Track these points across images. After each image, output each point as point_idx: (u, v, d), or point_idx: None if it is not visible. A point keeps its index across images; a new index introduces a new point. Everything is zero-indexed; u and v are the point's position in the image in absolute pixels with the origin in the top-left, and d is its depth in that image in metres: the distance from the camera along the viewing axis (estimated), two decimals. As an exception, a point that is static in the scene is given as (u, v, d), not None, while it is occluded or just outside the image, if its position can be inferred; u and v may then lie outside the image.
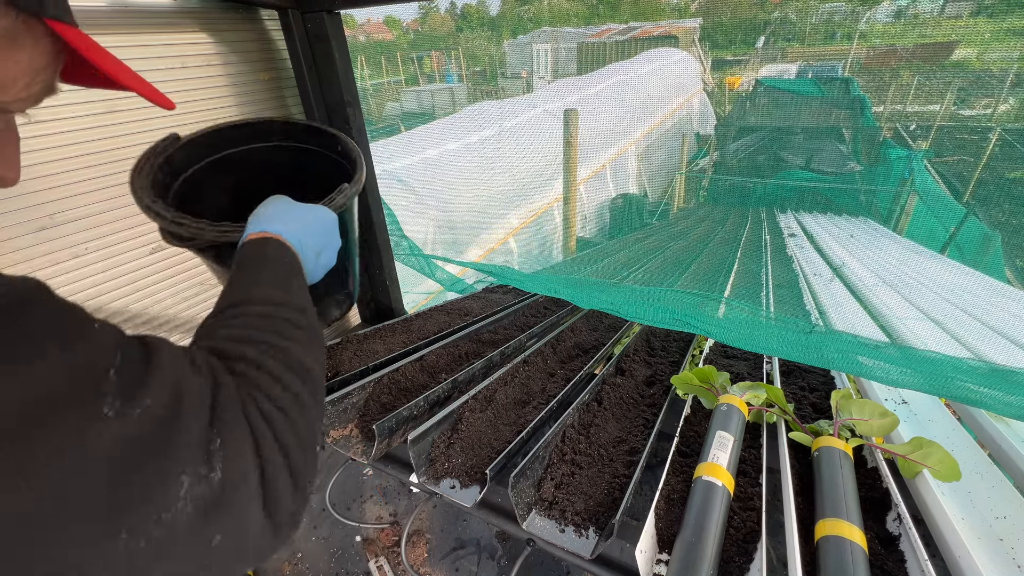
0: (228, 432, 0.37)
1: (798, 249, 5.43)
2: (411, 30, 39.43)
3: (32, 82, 0.44)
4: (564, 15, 28.18)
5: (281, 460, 0.40)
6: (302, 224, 0.69)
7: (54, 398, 0.28)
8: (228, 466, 0.35)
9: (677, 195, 8.32)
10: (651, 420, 1.02)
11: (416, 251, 1.85)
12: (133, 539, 0.30)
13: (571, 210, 5.87)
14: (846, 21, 19.56)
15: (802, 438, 0.89)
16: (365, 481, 1.39)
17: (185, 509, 0.32)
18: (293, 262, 0.63)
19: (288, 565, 1.22)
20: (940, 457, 0.79)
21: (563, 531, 0.76)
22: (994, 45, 12.50)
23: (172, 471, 0.32)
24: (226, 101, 1.30)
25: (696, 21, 17.22)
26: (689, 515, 0.71)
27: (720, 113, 13.41)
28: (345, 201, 0.88)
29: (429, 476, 0.88)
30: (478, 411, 1.01)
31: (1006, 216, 6.54)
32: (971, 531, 0.69)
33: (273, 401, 0.43)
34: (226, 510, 0.35)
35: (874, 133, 9.26)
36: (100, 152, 1.08)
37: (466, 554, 1.18)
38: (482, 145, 6.22)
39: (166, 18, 1.13)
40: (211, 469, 0.34)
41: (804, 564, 0.63)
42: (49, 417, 0.28)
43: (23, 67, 0.42)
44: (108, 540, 0.29)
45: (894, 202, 6.83)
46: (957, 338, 2.50)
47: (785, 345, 1.15)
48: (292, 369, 0.47)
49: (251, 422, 0.39)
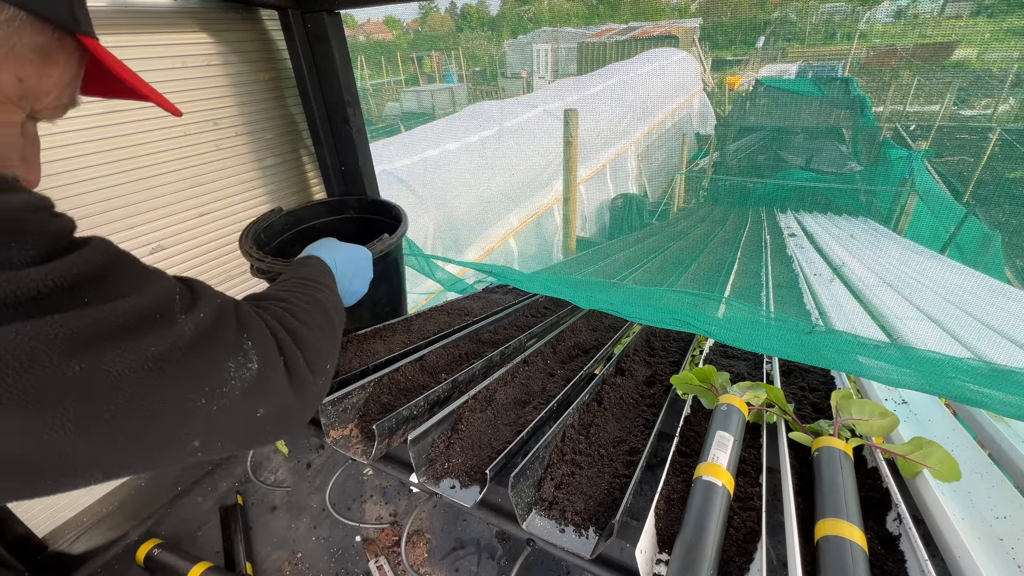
0: (256, 336, 0.51)
1: (798, 249, 5.42)
2: (411, 30, 39.43)
3: (62, 94, 0.48)
4: (564, 15, 28.20)
5: (299, 355, 0.56)
6: (340, 254, 0.94)
7: (154, 310, 0.42)
8: (260, 358, 0.50)
9: (677, 195, 8.31)
10: (651, 420, 1.02)
11: (416, 251, 1.85)
12: (208, 404, 0.44)
13: (571, 210, 5.87)
14: (846, 21, 19.57)
15: (802, 438, 0.89)
16: (365, 481, 1.39)
17: (236, 387, 0.46)
18: (328, 271, 0.84)
19: (288, 565, 1.22)
20: (940, 457, 0.79)
21: (563, 531, 0.76)
22: (994, 45, 12.52)
23: (220, 358, 0.46)
24: (226, 101, 1.30)
25: (696, 21, 17.22)
26: (689, 515, 0.71)
27: (720, 113, 13.40)
28: (383, 247, 1.17)
29: (429, 476, 0.88)
30: (478, 411, 1.01)
31: (1006, 216, 6.55)
32: (971, 531, 0.69)
33: (295, 317, 0.61)
34: (263, 389, 0.49)
35: (874, 133, 9.26)
36: (100, 152, 1.08)
37: (466, 554, 1.18)
38: (482, 145, 6.21)
39: (166, 18, 1.13)
40: (248, 360, 0.48)
41: (804, 564, 0.63)
42: (153, 321, 0.41)
43: (55, 80, 0.46)
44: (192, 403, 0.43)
45: (894, 202, 6.83)
46: (957, 338, 2.50)
47: (785, 345, 1.15)
48: (314, 308, 0.66)
49: (272, 331, 0.55)
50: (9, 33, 0.40)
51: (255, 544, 1.28)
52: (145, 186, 1.18)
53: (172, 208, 1.26)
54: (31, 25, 0.41)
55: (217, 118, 1.29)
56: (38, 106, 0.46)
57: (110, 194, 1.12)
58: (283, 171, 1.51)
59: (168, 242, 1.27)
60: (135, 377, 0.38)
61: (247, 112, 1.35)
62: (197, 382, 0.43)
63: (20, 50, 0.41)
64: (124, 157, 1.13)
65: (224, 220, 1.39)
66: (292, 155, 1.52)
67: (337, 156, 1.52)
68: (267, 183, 1.47)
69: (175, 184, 1.25)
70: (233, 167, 1.37)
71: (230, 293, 0.59)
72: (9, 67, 0.41)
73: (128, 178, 1.15)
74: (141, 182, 1.17)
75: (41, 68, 0.44)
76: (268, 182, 1.47)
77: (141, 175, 1.17)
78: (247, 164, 1.40)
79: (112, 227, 1.14)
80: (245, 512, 1.35)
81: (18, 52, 0.41)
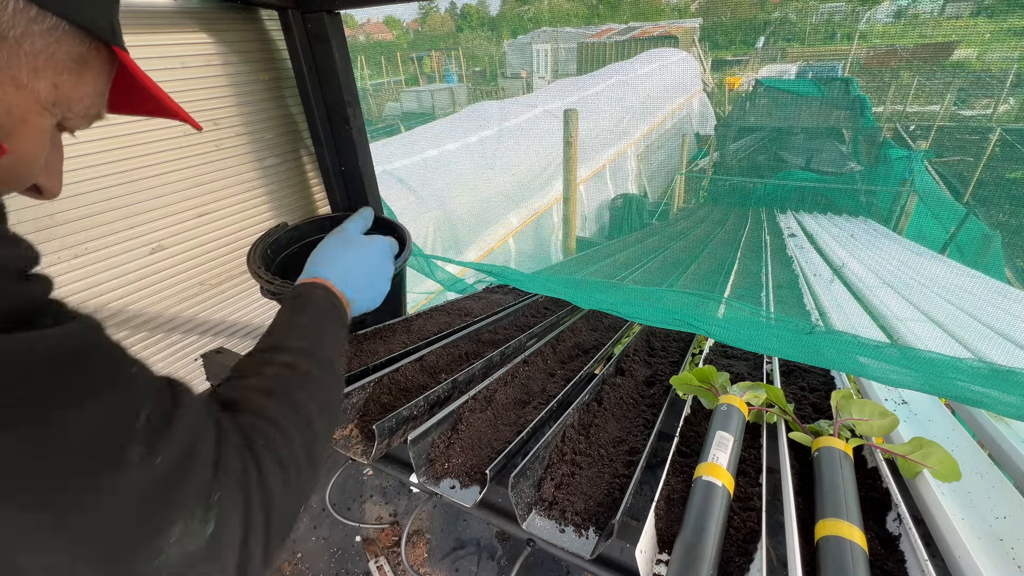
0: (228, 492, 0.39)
1: (798, 249, 5.43)
2: (411, 30, 39.44)
3: (93, 103, 0.48)
4: (564, 15, 28.20)
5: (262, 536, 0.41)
6: (357, 269, 0.81)
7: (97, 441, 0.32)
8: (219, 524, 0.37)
9: (677, 195, 8.31)
10: (651, 420, 1.02)
11: (416, 251, 1.85)
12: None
13: (571, 210, 5.87)
14: (846, 21, 19.57)
15: (802, 438, 0.89)
16: (365, 481, 1.39)
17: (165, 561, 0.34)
18: (334, 309, 0.71)
19: (288, 565, 1.22)
20: (940, 457, 0.79)
21: (563, 531, 0.76)
22: (994, 45, 12.52)
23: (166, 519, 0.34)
24: (226, 101, 1.30)
25: (696, 21, 17.21)
26: (689, 515, 0.71)
27: (720, 113, 13.40)
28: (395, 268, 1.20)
29: (429, 476, 0.88)
30: (478, 411, 1.01)
31: (1006, 216, 6.55)
32: (971, 531, 0.69)
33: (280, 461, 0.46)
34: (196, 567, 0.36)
35: (874, 133, 9.27)
36: (100, 152, 1.08)
37: (466, 554, 1.18)
38: (482, 145, 6.21)
39: (166, 18, 1.13)
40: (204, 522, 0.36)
41: (804, 564, 0.63)
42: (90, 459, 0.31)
43: (88, 88, 0.47)
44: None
45: (894, 202, 6.83)
46: (957, 338, 2.50)
47: (785, 345, 1.15)
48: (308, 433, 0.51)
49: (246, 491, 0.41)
50: (50, 42, 0.41)
51: (255, 544, 1.28)
52: (145, 186, 1.18)
53: (172, 208, 1.26)
54: (72, 35, 0.42)
55: (217, 118, 1.29)
56: (69, 114, 0.46)
57: (110, 194, 1.12)
58: (283, 171, 1.51)
59: (168, 242, 1.27)
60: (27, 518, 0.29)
61: (247, 112, 1.35)
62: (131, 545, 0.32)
63: (59, 58, 0.42)
64: (124, 157, 1.13)
65: (224, 220, 1.39)
66: (292, 155, 1.52)
67: (337, 156, 1.52)
68: (267, 183, 1.47)
69: (175, 184, 1.25)
70: (233, 167, 1.37)
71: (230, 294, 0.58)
72: (47, 74, 0.42)
73: (128, 178, 1.15)
74: (141, 182, 1.17)
75: (77, 76, 0.45)
76: (268, 182, 1.47)
77: (141, 175, 1.17)
78: (247, 164, 1.40)
79: (111, 227, 1.14)
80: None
81: (57, 60, 0.42)
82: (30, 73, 0.41)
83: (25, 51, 0.39)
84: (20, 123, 0.42)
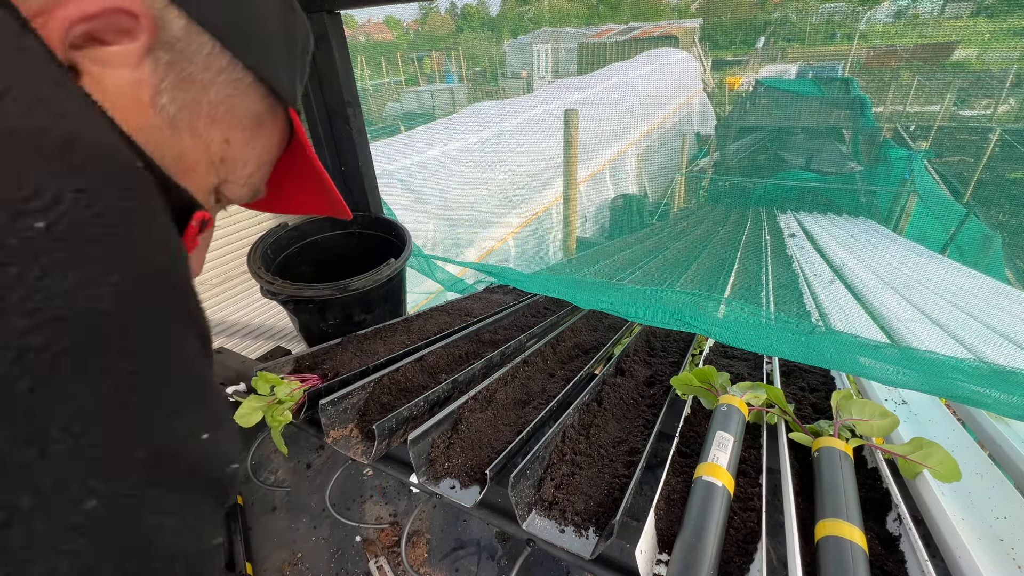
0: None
1: (798, 249, 5.43)
2: (411, 30, 39.44)
3: (256, 172, 0.45)
4: (564, 15, 28.22)
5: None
6: None
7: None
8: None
9: (677, 195, 8.32)
10: (651, 420, 1.02)
11: (416, 251, 1.85)
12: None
13: (571, 210, 5.87)
14: (846, 21, 19.57)
15: (802, 438, 0.89)
16: (365, 481, 1.39)
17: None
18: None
19: (288, 565, 1.22)
20: (940, 457, 0.79)
21: (563, 531, 0.76)
22: (994, 45, 12.52)
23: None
24: (226, 101, 1.30)
25: (696, 21, 17.20)
26: (689, 515, 0.71)
27: (720, 113, 13.40)
28: (390, 272, 1.26)
29: (429, 476, 0.88)
30: (478, 411, 1.01)
31: (1006, 216, 6.55)
32: (971, 531, 0.69)
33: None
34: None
35: (874, 133, 9.26)
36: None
37: (466, 554, 1.18)
38: (482, 145, 6.21)
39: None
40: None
41: (804, 564, 0.63)
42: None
43: (257, 151, 0.44)
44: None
45: (894, 202, 6.83)
46: (957, 339, 2.50)
47: (785, 345, 1.15)
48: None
49: None
50: (232, 93, 0.39)
51: (255, 544, 1.28)
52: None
53: (172, 208, 1.26)
54: (255, 90, 0.41)
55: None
56: (231, 176, 0.43)
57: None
58: (283, 171, 1.51)
59: (168, 242, 1.27)
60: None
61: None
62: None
63: (238, 112, 0.40)
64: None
65: (224, 220, 1.39)
66: (292, 155, 1.52)
67: (337, 156, 1.52)
68: (267, 183, 1.47)
69: (175, 184, 1.25)
70: (233, 167, 1.37)
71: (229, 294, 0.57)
72: (223, 126, 0.40)
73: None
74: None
75: (250, 135, 0.43)
76: (268, 182, 1.48)
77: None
78: (247, 164, 1.40)
79: (112, 227, 1.14)
80: (245, 512, 1.35)
81: (236, 113, 0.40)
82: (208, 122, 0.38)
83: (209, 98, 0.38)
84: (188, 172, 0.39)
